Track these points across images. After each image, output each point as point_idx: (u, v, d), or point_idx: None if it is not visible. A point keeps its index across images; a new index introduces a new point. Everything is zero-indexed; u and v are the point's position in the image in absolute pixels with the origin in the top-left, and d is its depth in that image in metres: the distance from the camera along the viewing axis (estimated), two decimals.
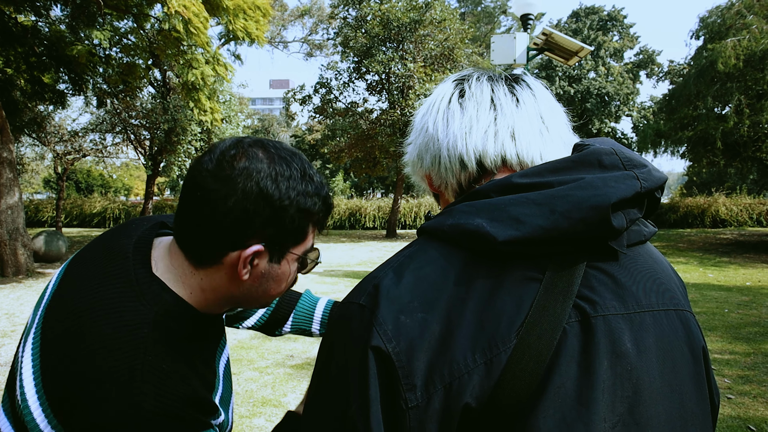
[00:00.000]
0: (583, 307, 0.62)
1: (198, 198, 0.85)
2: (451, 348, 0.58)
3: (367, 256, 14.66)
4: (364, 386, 0.59)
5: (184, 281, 0.90)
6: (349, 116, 20.44)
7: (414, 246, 0.69)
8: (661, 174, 0.69)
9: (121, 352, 0.79)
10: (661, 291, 0.69)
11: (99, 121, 23.58)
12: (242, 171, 0.84)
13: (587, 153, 0.68)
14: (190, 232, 0.87)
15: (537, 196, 0.63)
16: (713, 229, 21.00)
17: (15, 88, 13.10)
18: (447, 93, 0.80)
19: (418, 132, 0.84)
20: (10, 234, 10.29)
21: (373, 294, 0.63)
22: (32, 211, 27.23)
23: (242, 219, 0.84)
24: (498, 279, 0.62)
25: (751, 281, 10.09)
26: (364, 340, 0.60)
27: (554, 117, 0.79)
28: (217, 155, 0.86)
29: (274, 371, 4.98)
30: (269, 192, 0.85)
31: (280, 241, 0.89)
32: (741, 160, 16.97)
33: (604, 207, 0.61)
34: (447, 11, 18.83)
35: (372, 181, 43.06)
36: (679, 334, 0.68)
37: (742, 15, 14.91)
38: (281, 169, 0.87)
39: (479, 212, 0.65)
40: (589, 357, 0.60)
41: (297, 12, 33.46)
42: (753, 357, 5.24)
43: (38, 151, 28.21)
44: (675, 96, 17.44)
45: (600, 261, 0.66)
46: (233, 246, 0.86)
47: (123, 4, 10.19)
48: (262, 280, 0.92)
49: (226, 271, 0.88)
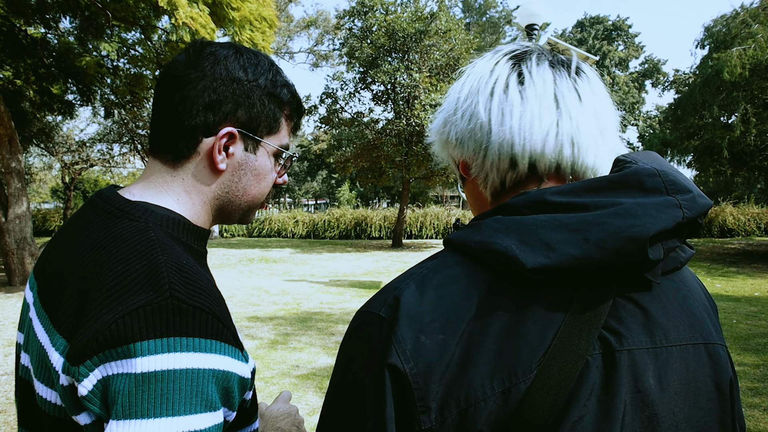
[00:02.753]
0: (609, 340, 0.60)
1: (169, 86, 0.87)
2: (469, 373, 0.57)
3: (372, 266, 14.64)
4: (381, 404, 0.58)
5: (167, 190, 0.88)
6: (355, 126, 20.48)
7: (438, 258, 0.67)
8: (705, 201, 0.64)
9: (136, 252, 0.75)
10: (692, 323, 0.67)
11: (106, 131, 23.77)
12: (209, 55, 0.88)
13: (628, 173, 0.64)
14: (164, 124, 0.88)
15: (571, 220, 0.60)
16: (720, 239, 20.86)
17: (24, 99, 13.23)
18: (503, 74, 0.72)
19: (461, 111, 0.75)
20: (17, 243, 10.35)
21: (394, 307, 0.61)
22: (40, 221, 27.38)
23: (213, 100, 0.86)
24: (523, 305, 0.59)
25: (759, 292, 10.01)
26: (381, 355, 0.59)
27: (608, 118, 0.73)
28: (186, 48, 0.90)
29: (279, 381, 4.96)
30: (237, 74, 0.88)
31: (252, 127, 0.90)
32: (748, 169, 16.89)
33: (642, 239, 0.57)
34: (452, 21, 18.89)
35: (378, 191, 43.12)
36: (705, 370, 0.66)
37: (747, 24, 14.89)
38: (249, 57, 0.91)
39: (509, 231, 0.61)
40: (610, 392, 0.58)
41: (303, 23, 33.70)
42: (762, 369, 5.19)
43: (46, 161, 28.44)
44: (681, 105, 17.40)
45: (631, 290, 0.63)
46: (206, 131, 0.86)
47: (131, 15, 10.29)
48: (241, 173, 0.91)
49: (204, 163, 0.88)
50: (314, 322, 7.49)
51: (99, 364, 0.68)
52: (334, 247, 20.99)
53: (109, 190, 0.88)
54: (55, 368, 0.72)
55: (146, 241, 0.77)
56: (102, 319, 0.68)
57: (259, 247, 20.46)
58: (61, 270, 0.80)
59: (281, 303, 9.09)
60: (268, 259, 16.44)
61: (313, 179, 51.86)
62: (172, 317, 0.69)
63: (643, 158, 0.69)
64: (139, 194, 0.87)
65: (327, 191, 52.12)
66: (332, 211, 27.13)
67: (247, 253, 17.68)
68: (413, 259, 16.48)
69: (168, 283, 0.71)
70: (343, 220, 25.58)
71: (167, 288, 0.71)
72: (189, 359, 0.69)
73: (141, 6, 9.94)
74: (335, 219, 25.68)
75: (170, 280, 0.72)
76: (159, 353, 0.67)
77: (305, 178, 50.83)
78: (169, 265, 0.74)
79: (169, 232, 0.83)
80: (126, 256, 0.74)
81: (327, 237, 25.32)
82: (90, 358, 0.68)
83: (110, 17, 9.94)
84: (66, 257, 0.81)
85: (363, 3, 19.17)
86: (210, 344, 0.71)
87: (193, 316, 0.70)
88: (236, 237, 25.55)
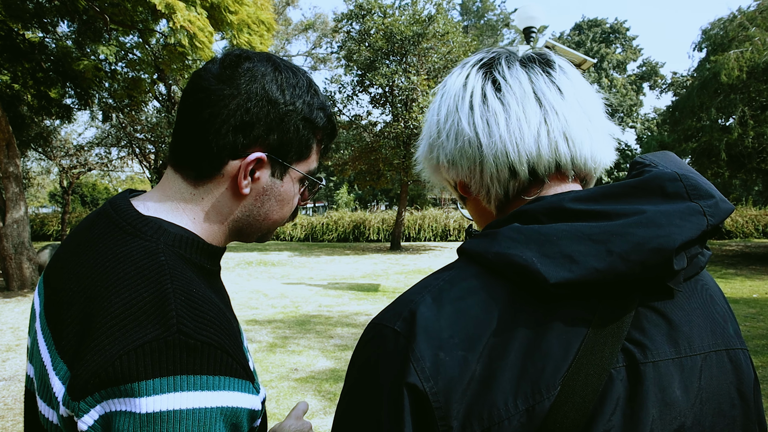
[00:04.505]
0: (633, 352, 0.58)
1: (198, 100, 0.80)
2: (491, 391, 0.55)
3: (371, 269, 14.63)
4: (399, 424, 0.56)
5: (184, 209, 0.83)
6: (353, 129, 20.50)
7: (454, 270, 0.64)
8: (728, 205, 0.62)
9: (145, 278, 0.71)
10: (714, 330, 0.65)
11: (104, 135, 23.76)
12: (246, 71, 0.81)
13: (649, 179, 0.61)
14: (189, 139, 0.81)
15: (592, 230, 0.58)
16: (719, 241, 20.88)
17: (22, 103, 13.23)
18: (477, 84, 0.69)
19: (446, 133, 0.72)
20: (15, 248, 10.33)
21: (410, 321, 0.59)
22: (38, 225, 27.34)
23: (245, 122, 0.80)
24: (544, 319, 0.57)
25: (758, 293, 10.02)
26: (399, 374, 0.57)
27: (593, 104, 0.70)
28: (221, 59, 0.83)
29: (278, 385, 4.95)
30: (274, 95, 0.81)
31: (283, 153, 0.84)
32: (746, 171, 16.92)
33: (668, 250, 0.55)
34: (450, 24, 18.94)
35: (376, 194, 43.12)
36: (728, 377, 0.64)
37: (744, 27, 14.94)
38: (287, 76, 0.84)
39: (528, 242, 0.59)
40: (636, 406, 0.57)
41: (301, 26, 33.75)
42: (762, 370, 5.19)
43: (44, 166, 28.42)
44: (679, 108, 17.44)
45: (653, 299, 0.61)
46: (234, 153, 0.80)
47: (129, 19, 10.31)
48: (264, 199, 0.86)
49: (226, 185, 0.83)
50: (313, 325, 7.48)
51: (101, 400, 0.65)
52: (333, 249, 20.98)
53: (123, 198, 0.84)
54: (56, 395, 0.70)
55: (156, 265, 0.73)
56: (105, 353, 0.65)
57: (257, 250, 20.44)
58: (67, 285, 0.76)
59: (280, 306, 9.08)
60: (267, 262, 16.42)
61: None
62: (179, 354, 0.66)
63: (661, 160, 0.67)
64: (154, 208, 0.83)
65: (325, 194, 52.16)
66: (330, 213, 27.16)
67: (245, 256, 17.66)
68: (412, 261, 16.48)
69: (176, 317, 0.68)
70: (341, 222, 25.58)
71: (175, 322, 0.67)
72: (196, 398, 0.66)
73: (139, 10, 9.95)
74: (333, 222, 25.67)
75: (178, 312, 0.68)
76: (164, 393, 0.64)
77: None
78: (177, 294, 0.70)
79: (181, 253, 0.78)
80: (134, 282, 0.71)
81: (325, 240, 25.31)
82: (91, 395, 0.65)
83: (108, 21, 9.95)
84: (73, 272, 0.77)
85: (361, 6, 19.22)
86: (219, 381, 0.68)
87: (201, 352, 0.67)
88: None
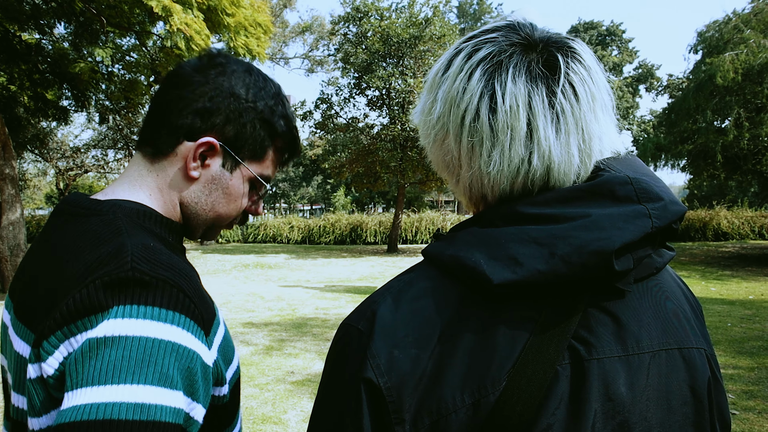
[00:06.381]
0: (578, 349, 0.60)
1: (170, 83, 0.87)
2: (441, 386, 0.58)
3: (368, 272, 14.63)
4: (359, 416, 0.60)
5: (140, 184, 0.87)
6: (350, 131, 20.51)
7: (415, 271, 0.68)
8: (678, 207, 0.63)
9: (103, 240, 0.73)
10: (666, 329, 0.67)
11: (101, 137, 23.72)
12: (218, 65, 0.88)
13: (600, 182, 0.63)
14: (154, 118, 0.87)
15: (539, 233, 0.60)
16: (715, 243, 20.94)
17: (18, 104, 13.19)
18: (475, 96, 0.64)
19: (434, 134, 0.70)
20: (11, 250, 10.29)
21: (371, 320, 0.63)
22: (34, 227, 27.20)
23: (206, 108, 0.85)
24: (493, 319, 0.60)
25: (753, 295, 10.04)
26: (357, 369, 0.61)
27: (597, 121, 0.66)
28: (202, 54, 0.91)
29: (274, 388, 4.94)
30: (238, 91, 0.87)
31: (236, 147, 0.89)
32: (741, 173, 16.99)
33: (607, 252, 0.57)
34: (446, 27, 18.96)
35: (373, 196, 43.13)
36: (680, 374, 0.66)
37: (739, 29, 15.01)
38: (257, 79, 0.90)
39: (480, 245, 0.62)
40: (580, 401, 0.59)
41: (298, 28, 33.77)
42: (757, 371, 5.20)
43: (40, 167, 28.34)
44: (674, 110, 17.49)
45: (603, 300, 0.63)
46: (189, 134, 0.86)
47: (125, 21, 10.28)
48: (212, 187, 0.89)
49: (179, 165, 0.87)
50: (309, 328, 7.47)
51: (63, 339, 0.65)
52: (330, 252, 20.96)
53: (76, 195, 0.87)
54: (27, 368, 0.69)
55: (114, 228, 0.76)
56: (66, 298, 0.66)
57: (255, 252, 20.41)
58: (35, 277, 0.78)
59: (276, 309, 9.07)
60: (264, 264, 16.40)
61: (309, 185, 51.80)
62: (132, 288, 0.66)
63: (619, 165, 0.67)
64: (110, 193, 0.86)
65: (322, 196, 52.10)
66: (327, 216, 27.10)
67: (242, 259, 17.64)
68: (409, 264, 16.46)
69: (131, 261, 0.69)
70: (338, 225, 25.56)
71: (129, 261, 0.68)
72: (144, 327, 0.64)
73: (136, 12, 9.93)
74: (330, 224, 25.64)
75: (134, 257, 0.69)
76: (111, 318, 0.64)
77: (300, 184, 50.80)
78: (134, 245, 0.72)
79: (139, 223, 0.81)
80: (93, 245, 0.73)
81: (322, 242, 25.28)
82: (54, 333, 0.65)
83: (105, 23, 9.93)
84: (38, 263, 0.79)
85: (358, 9, 19.23)
86: (171, 316, 0.67)
87: (155, 287, 0.67)
88: (231, 243, 25.46)
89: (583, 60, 0.66)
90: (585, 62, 0.66)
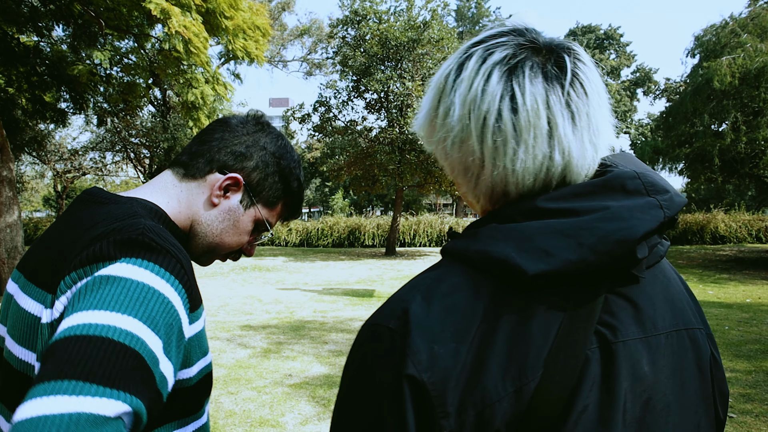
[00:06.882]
0: (604, 333, 0.64)
1: (219, 126, 1.03)
2: (482, 377, 0.60)
3: (366, 275, 14.62)
4: (401, 412, 0.60)
5: (163, 193, 0.98)
6: (348, 134, 20.52)
7: (440, 269, 0.68)
8: (681, 199, 0.70)
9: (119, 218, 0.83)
10: (674, 312, 0.72)
11: (99, 140, 23.69)
12: (259, 124, 1.06)
13: (611, 177, 0.68)
14: (196, 148, 1.01)
15: (564, 226, 0.63)
16: (712, 246, 20.98)
17: (16, 107, 13.17)
18: (495, 96, 0.66)
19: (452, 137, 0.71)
20: (8, 252, 10.27)
21: (403, 319, 0.63)
22: (31, 230, 27.16)
23: (241, 153, 1.01)
24: (526, 309, 0.62)
25: (751, 298, 10.07)
26: (397, 367, 0.61)
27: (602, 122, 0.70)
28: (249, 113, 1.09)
29: (272, 391, 4.94)
30: (272, 149, 1.04)
31: (256, 190, 1.03)
32: (739, 176, 17.02)
33: (632, 241, 0.61)
34: (445, 30, 19.01)
35: (371, 199, 43.14)
36: (688, 353, 0.71)
37: (736, 34, 15.06)
38: (285, 144, 1.08)
39: (507, 239, 0.64)
40: (611, 381, 0.62)
41: (296, 31, 33.78)
42: (754, 375, 5.21)
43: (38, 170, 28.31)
44: (672, 113, 17.54)
45: (620, 286, 0.67)
46: (221, 168, 1.00)
47: (124, 24, 10.29)
48: (225, 217, 1.01)
49: (204, 190, 1.00)
50: (307, 331, 7.46)
51: (72, 285, 0.74)
52: (328, 255, 20.95)
53: (97, 188, 0.96)
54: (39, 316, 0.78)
55: (130, 212, 0.85)
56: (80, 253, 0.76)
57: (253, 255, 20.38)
58: (50, 246, 0.86)
59: (274, 311, 9.06)
60: (261, 267, 16.39)
61: (307, 187, 51.83)
62: (139, 248, 0.77)
63: (620, 161, 0.73)
64: (131, 193, 0.96)
65: (320, 199, 52.11)
66: (326, 219, 27.11)
67: (239, 262, 17.60)
68: (407, 267, 16.48)
69: (143, 229, 0.79)
70: (336, 228, 25.56)
71: (141, 229, 0.79)
72: (143, 275, 0.73)
73: (134, 15, 9.94)
74: (329, 227, 25.65)
75: (145, 228, 0.80)
76: (116, 262, 0.74)
77: None
78: (148, 223, 0.82)
79: (151, 217, 0.90)
80: (110, 221, 0.82)
81: (320, 245, 25.28)
82: (68, 275, 0.75)
83: (103, 26, 9.93)
84: (55, 236, 0.88)
85: (356, 12, 19.26)
86: (168, 276, 0.76)
87: (159, 252, 0.77)
88: None
89: (584, 61, 0.70)
90: (587, 63, 0.71)
